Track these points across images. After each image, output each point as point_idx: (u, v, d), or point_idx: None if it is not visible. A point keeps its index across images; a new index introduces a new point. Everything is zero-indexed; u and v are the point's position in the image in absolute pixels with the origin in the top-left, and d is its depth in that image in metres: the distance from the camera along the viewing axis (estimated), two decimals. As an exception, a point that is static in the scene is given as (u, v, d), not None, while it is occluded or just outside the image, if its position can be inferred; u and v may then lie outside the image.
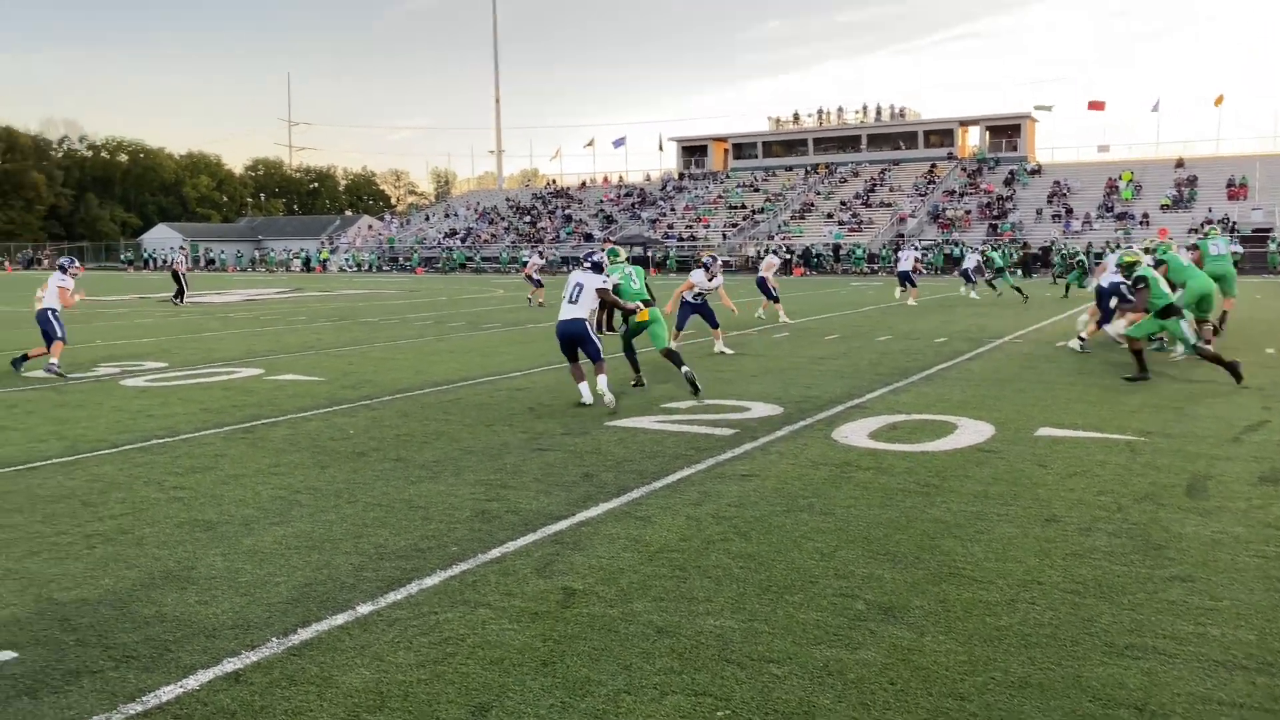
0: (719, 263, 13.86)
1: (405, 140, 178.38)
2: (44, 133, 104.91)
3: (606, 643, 3.81)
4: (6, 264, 78.56)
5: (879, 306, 24.13)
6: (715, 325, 13.96)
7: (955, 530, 5.28)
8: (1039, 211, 55.45)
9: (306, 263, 70.73)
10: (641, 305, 10.23)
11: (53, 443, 7.84)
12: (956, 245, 51.35)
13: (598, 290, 9.42)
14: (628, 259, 13.13)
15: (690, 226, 63.31)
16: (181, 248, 39.42)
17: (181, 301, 27.99)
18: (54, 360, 12.18)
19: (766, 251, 42.87)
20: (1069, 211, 54.39)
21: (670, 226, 64.00)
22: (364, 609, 4.17)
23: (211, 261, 78.02)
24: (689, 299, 13.59)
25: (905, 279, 25.62)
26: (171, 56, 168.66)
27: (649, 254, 58.31)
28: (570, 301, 9.36)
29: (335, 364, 13.09)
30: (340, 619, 4.06)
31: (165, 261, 76.79)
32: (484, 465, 6.89)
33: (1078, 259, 26.44)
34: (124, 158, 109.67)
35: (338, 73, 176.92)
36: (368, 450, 7.43)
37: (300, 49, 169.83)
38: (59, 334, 12.44)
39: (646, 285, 11.42)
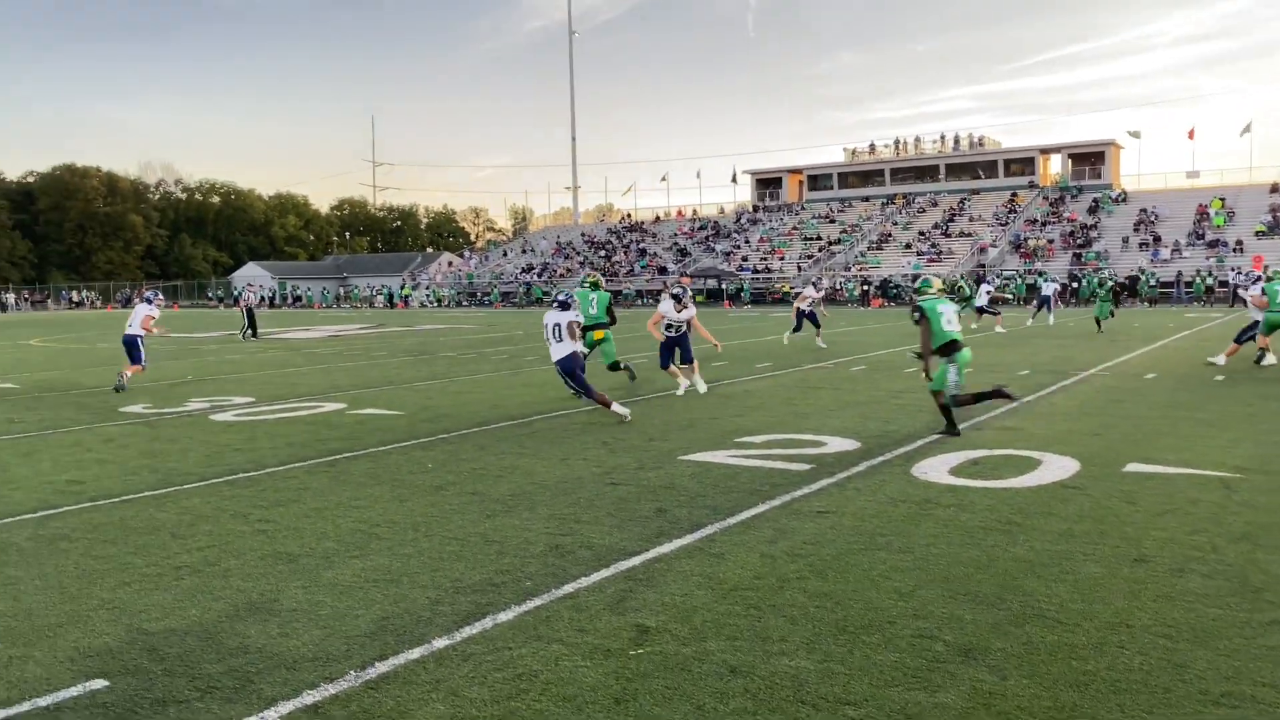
0: (690, 294, 13.79)
1: (484, 178, 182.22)
2: (142, 177, 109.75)
3: (679, 682, 3.78)
4: (109, 304, 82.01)
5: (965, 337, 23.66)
6: (688, 360, 12.93)
7: (1039, 570, 5.12)
8: (1125, 240, 54.00)
9: (389, 298, 72.36)
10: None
11: (145, 475, 8.13)
12: (1040, 275, 50.25)
13: (570, 324, 10.59)
14: (591, 284, 13.89)
15: (765, 258, 63.16)
16: (249, 284, 40.45)
17: (253, 336, 28.92)
18: (127, 376, 14.15)
19: (805, 283, 42.66)
20: (1157, 239, 52.85)
21: (745, 259, 63.93)
22: (440, 643, 4.21)
23: (298, 298, 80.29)
24: (664, 332, 13.08)
25: (982, 310, 26.84)
26: (261, 101, 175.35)
27: (723, 286, 58.29)
28: (557, 340, 10.56)
29: (415, 398, 13.32)
30: (416, 653, 4.10)
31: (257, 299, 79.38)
32: (558, 499, 6.92)
33: (1109, 286, 25.22)
34: (216, 199, 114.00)
35: (420, 113, 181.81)
36: (445, 484, 7.54)
37: (384, 91, 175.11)
38: (141, 360, 14.64)
39: (608, 308, 13.50)
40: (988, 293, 27.93)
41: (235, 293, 77.09)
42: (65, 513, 6.83)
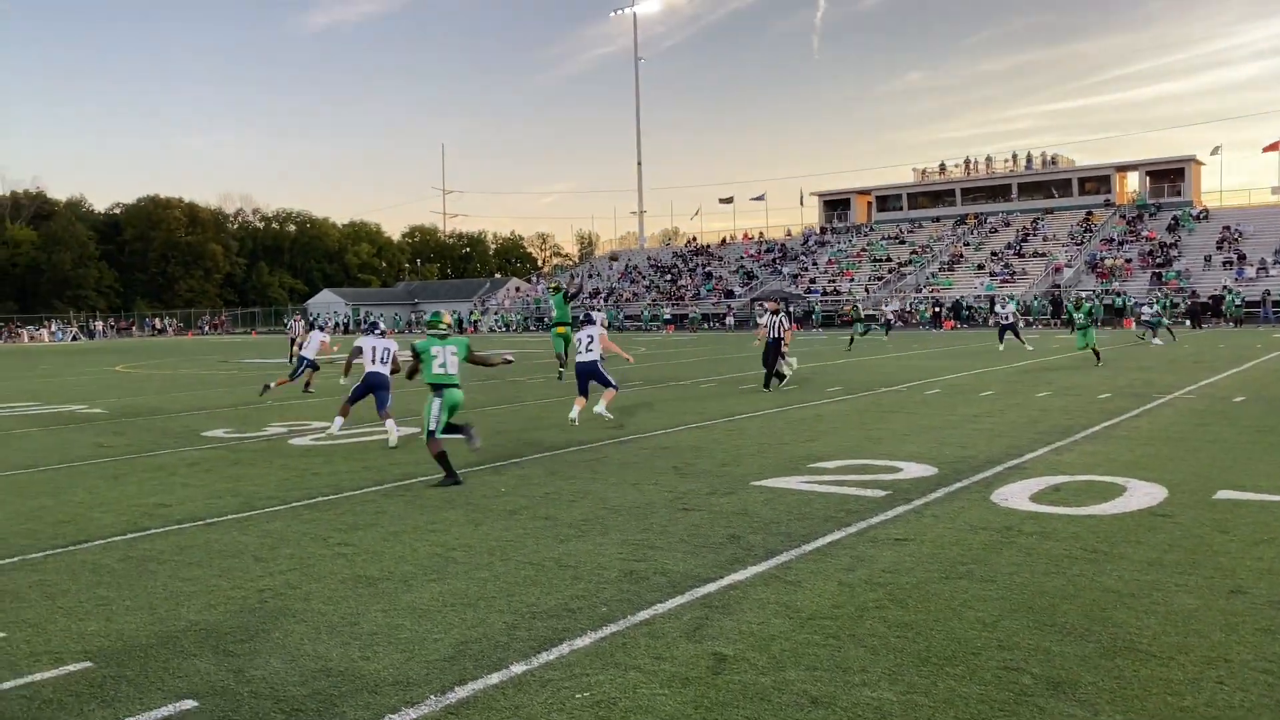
0: (601, 313, 15.46)
1: (551, 204, 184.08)
2: (222, 206, 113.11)
3: (759, 711, 3.74)
4: (190, 331, 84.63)
5: (1037, 361, 23.19)
6: (606, 385, 12.88)
7: (1128, 600, 4.96)
8: (1208, 258, 52.42)
9: (459, 324, 73.48)
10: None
11: (228, 499, 8.33)
12: (1118, 295, 49.01)
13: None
14: (554, 289, 18.35)
15: (833, 280, 62.69)
16: (296, 315, 39.15)
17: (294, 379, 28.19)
18: (275, 386, 17.80)
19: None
20: (1241, 258, 51.19)
21: (813, 281, 63.53)
22: (518, 668, 4.22)
23: (374, 325, 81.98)
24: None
25: (1004, 332, 28.28)
26: (335, 130, 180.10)
27: (790, 308, 57.94)
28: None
29: (485, 423, 13.44)
30: (495, 679, 4.12)
31: (331, 325, 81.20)
32: (630, 525, 6.92)
33: (1087, 309, 21.34)
34: (292, 228, 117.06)
35: (488, 141, 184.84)
36: (518, 509, 7.59)
37: (454, 119, 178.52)
38: (299, 370, 18.32)
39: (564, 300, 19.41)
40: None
41: (324, 323, 79.28)
42: (153, 535, 7.03)
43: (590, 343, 13.00)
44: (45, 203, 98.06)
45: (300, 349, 19.82)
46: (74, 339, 75.08)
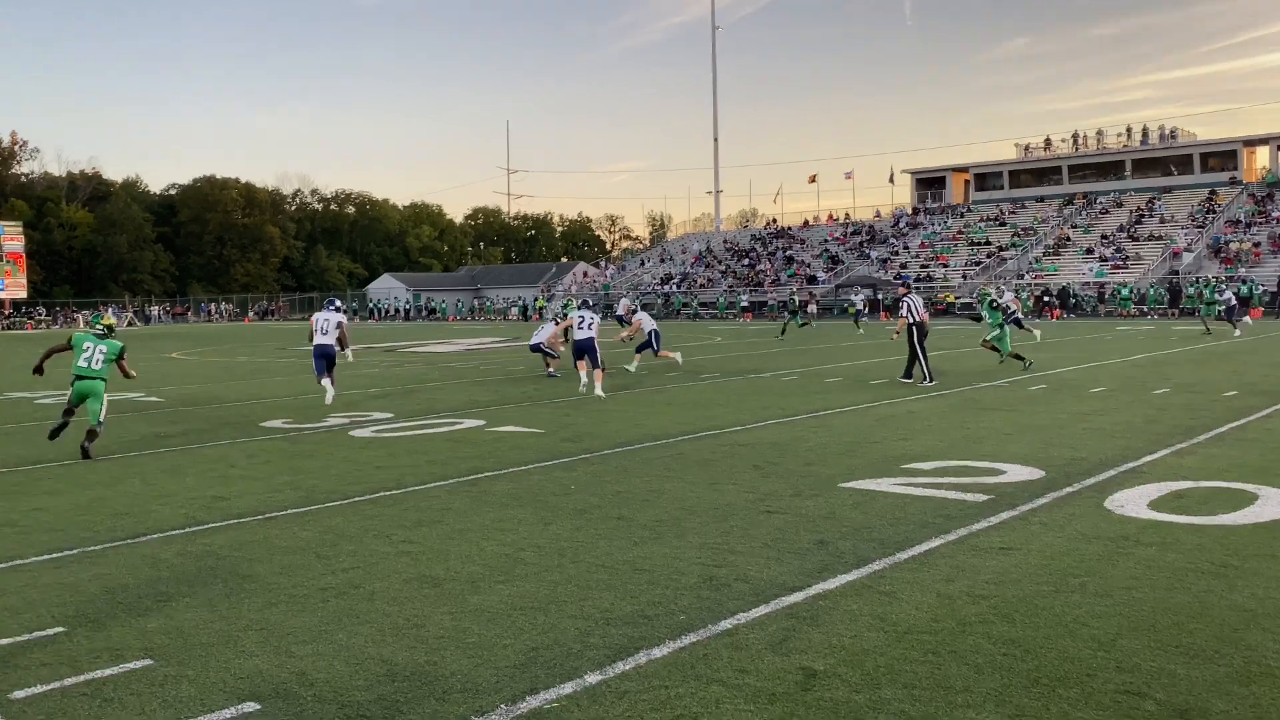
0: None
1: (621, 183, 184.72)
2: (279, 187, 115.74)
3: (853, 732, 3.69)
4: (245, 316, 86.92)
5: (1153, 355, 22.54)
6: (596, 364, 16.30)
7: (1263, 621, 4.78)
8: (1349, 241, 50.31)
9: (524, 311, 74.14)
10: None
11: (288, 493, 8.53)
12: (1244, 283, 47.34)
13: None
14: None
15: (926, 266, 61.71)
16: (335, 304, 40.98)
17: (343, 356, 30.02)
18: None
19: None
20: (1388, 240, 49.04)
21: (903, 266, 62.63)
22: (592, 678, 4.23)
23: (432, 310, 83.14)
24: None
25: (1230, 314, 29.23)
26: (395, 108, 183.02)
27: (880, 297, 57.21)
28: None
29: (553, 415, 13.56)
30: (568, 688, 4.14)
31: (391, 310, 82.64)
32: (709, 527, 6.90)
33: (988, 300, 20.93)
34: (351, 209, 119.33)
35: (555, 118, 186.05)
36: (589, 507, 7.62)
37: (519, 96, 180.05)
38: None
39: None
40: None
41: (387, 308, 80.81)
42: (211, 529, 7.23)
43: (588, 323, 16.42)
44: (101, 184, 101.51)
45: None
46: (129, 324, 77.68)
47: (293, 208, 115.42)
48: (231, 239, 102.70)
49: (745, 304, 62.93)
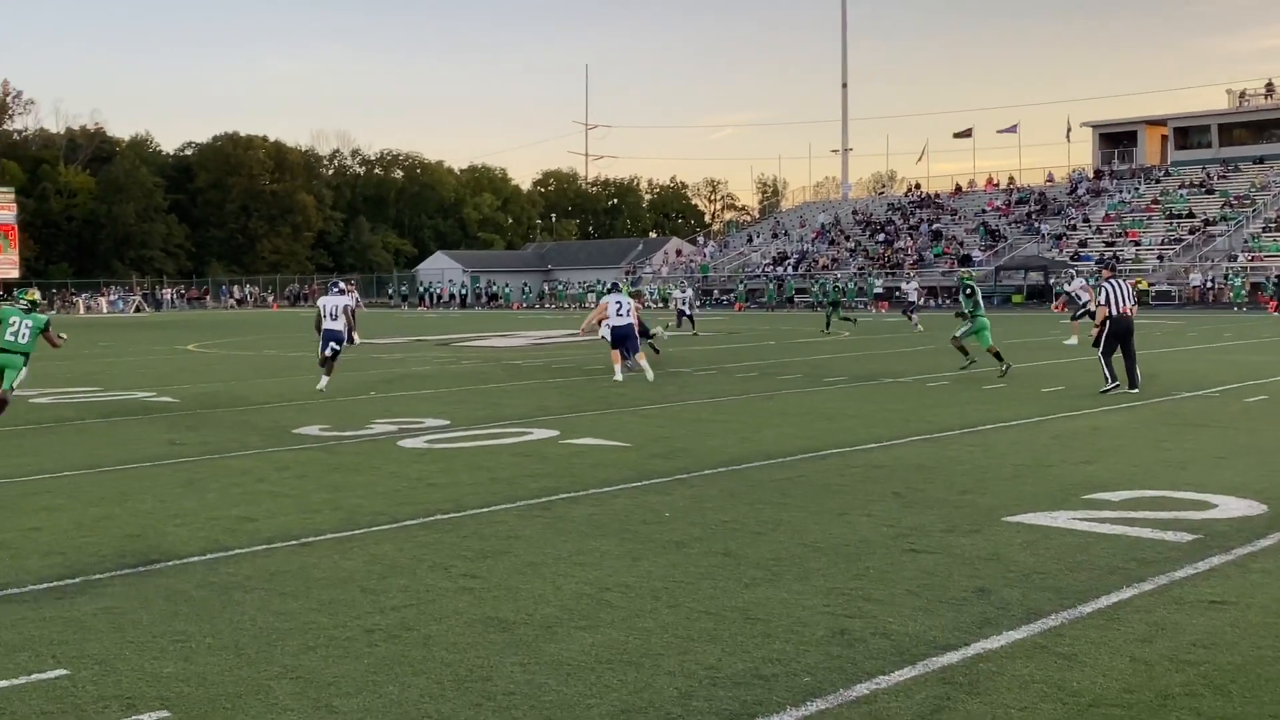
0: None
1: (724, 141, 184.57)
2: (314, 147, 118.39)
3: (1025, 829, 3.63)
4: (275, 302, 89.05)
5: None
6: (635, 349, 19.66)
7: None
8: None
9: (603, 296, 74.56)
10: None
11: (327, 514, 8.73)
12: None
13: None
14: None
15: (1111, 243, 60.38)
16: (350, 282, 42.74)
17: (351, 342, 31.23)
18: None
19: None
20: None
21: (1083, 243, 61.39)
22: (696, 751, 4.24)
23: (494, 296, 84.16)
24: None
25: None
26: (451, 52, 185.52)
27: (1050, 282, 56.08)
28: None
29: (642, 426, 13.62)
30: (667, 761, 4.15)
31: (442, 297, 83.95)
32: (838, 568, 6.87)
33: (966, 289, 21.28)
34: (399, 174, 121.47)
35: (644, 62, 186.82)
36: (688, 540, 7.64)
37: (600, 35, 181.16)
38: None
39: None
40: None
41: (437, 293, 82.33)
42: (237, 556, 7.43)
43: (626, 309, 19.28)
44: (105, 142, 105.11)
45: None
46: (137, 310, 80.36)
47: (329, 172, 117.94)
48: (258, 209, 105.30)
49: (878, 290, 62.38)
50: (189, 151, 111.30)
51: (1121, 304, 16.22)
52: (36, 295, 14.57)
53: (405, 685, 4.99)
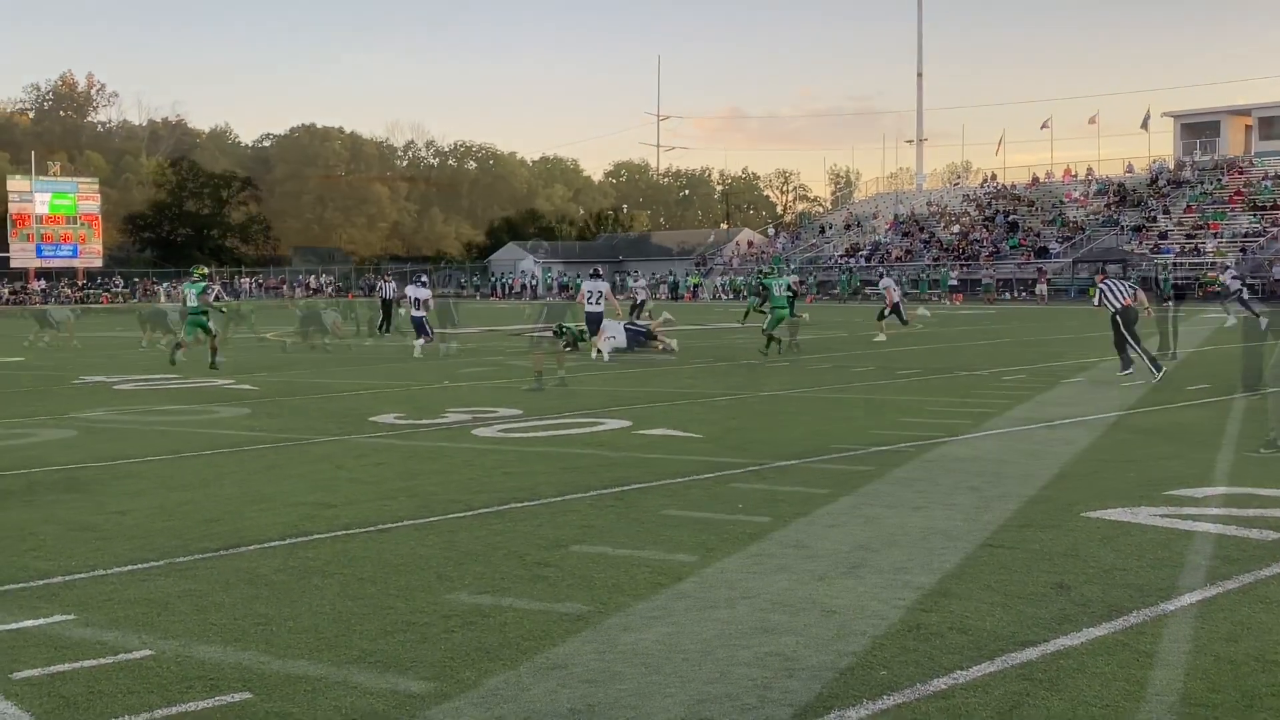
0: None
1: (796, 131, 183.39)
2: (389, 138, 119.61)
3: (1108, 828, 3.58)
4: (350, 292, 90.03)
5: None
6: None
7: None
8: None
9: (674, 289, 74.60)
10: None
11: (403, 500, 8.84)
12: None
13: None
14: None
15: (1193, 235, 59.18)
16: (387, 275, 46.53)
17: (387, 331, 32.70)
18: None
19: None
20: None
21: (1163, 236, 60.22)
22: (772, 742, 4.24)
23: (565, 286, 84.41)
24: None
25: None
26: (523, 44, 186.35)
27: (1129, 275, 55.10)
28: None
29: (714, 417, 13.62)
30: (743, 752, 4.15)
31: (514, 288, 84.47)
32: (915, 562, 6.82)
33: (760, 283, 24.55)
34: (472, 165, 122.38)
35: (716, 53, 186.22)
36: (761, 531, 7.63)
37: (672, 25, 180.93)
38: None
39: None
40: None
41: (508, 284, 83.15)
42: (316, 541, 7.56)
43: (600, 298, 22.15)
44: (186, 134, 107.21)
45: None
46: (216, 298, 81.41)
47: (403, 163, 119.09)
48: (334, 200, 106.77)
49: (953, 282, 61.72)
50: (267, 143, 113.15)
51: (1123, 298, 17.00)
52: (205, 270, 20.86)
53: (483, 670, 5.04)
